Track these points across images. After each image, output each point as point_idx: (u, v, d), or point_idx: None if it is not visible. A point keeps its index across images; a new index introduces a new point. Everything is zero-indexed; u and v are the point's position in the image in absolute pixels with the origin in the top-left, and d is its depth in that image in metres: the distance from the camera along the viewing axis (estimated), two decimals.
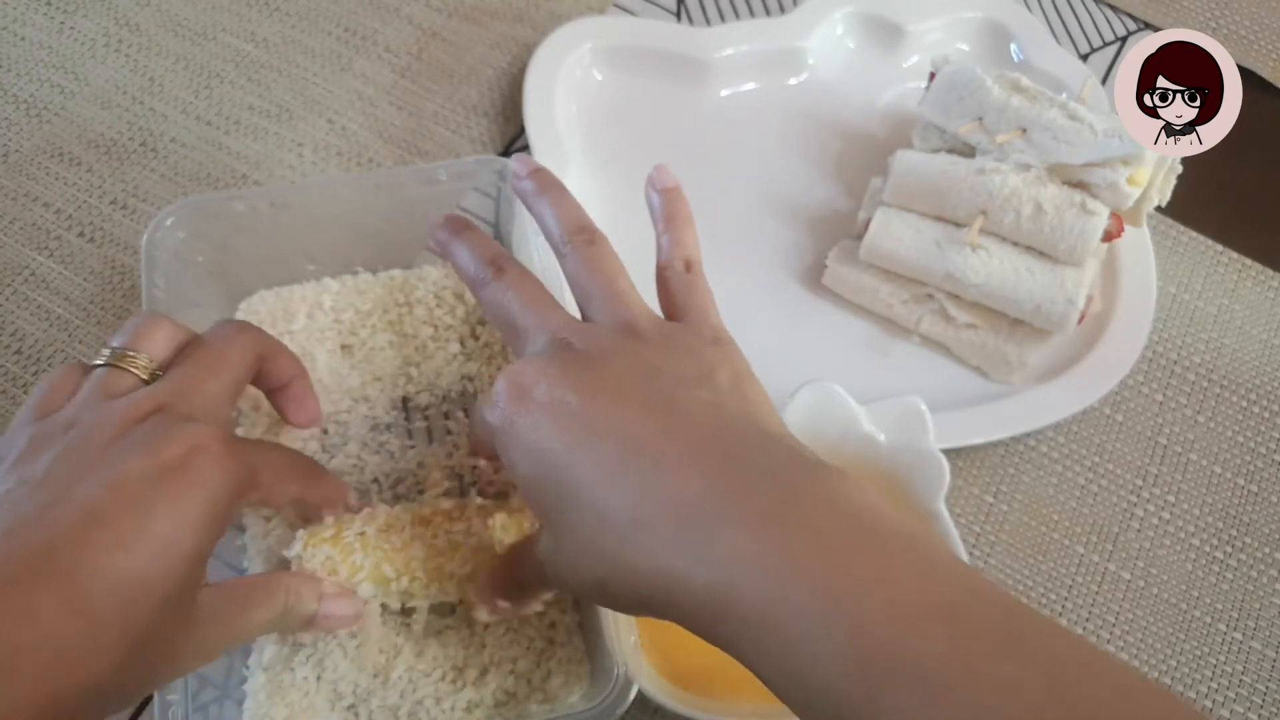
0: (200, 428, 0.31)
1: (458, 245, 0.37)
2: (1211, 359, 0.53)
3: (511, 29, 0.59)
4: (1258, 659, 0.46)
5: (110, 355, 0.34)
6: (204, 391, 0.34)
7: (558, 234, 0.36)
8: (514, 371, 0.32)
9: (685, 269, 0.36)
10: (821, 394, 0.42)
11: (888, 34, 0.58)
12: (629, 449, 0.29)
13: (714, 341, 0.34)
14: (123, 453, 0.30)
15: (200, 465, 0.31)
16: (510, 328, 0.35)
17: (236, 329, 0.36)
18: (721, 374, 0.32)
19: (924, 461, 0.41)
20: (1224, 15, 0.63)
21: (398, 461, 0.42)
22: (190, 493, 0.30)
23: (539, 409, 0.30)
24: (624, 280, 0.35)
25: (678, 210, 0.38)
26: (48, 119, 0.54)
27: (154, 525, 0.29)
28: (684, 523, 0.27)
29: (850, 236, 0.52)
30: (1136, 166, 0.46)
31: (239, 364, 0.36)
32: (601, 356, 0.32)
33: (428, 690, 0.37)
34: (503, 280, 0.35)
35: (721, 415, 0.31)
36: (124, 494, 0.29)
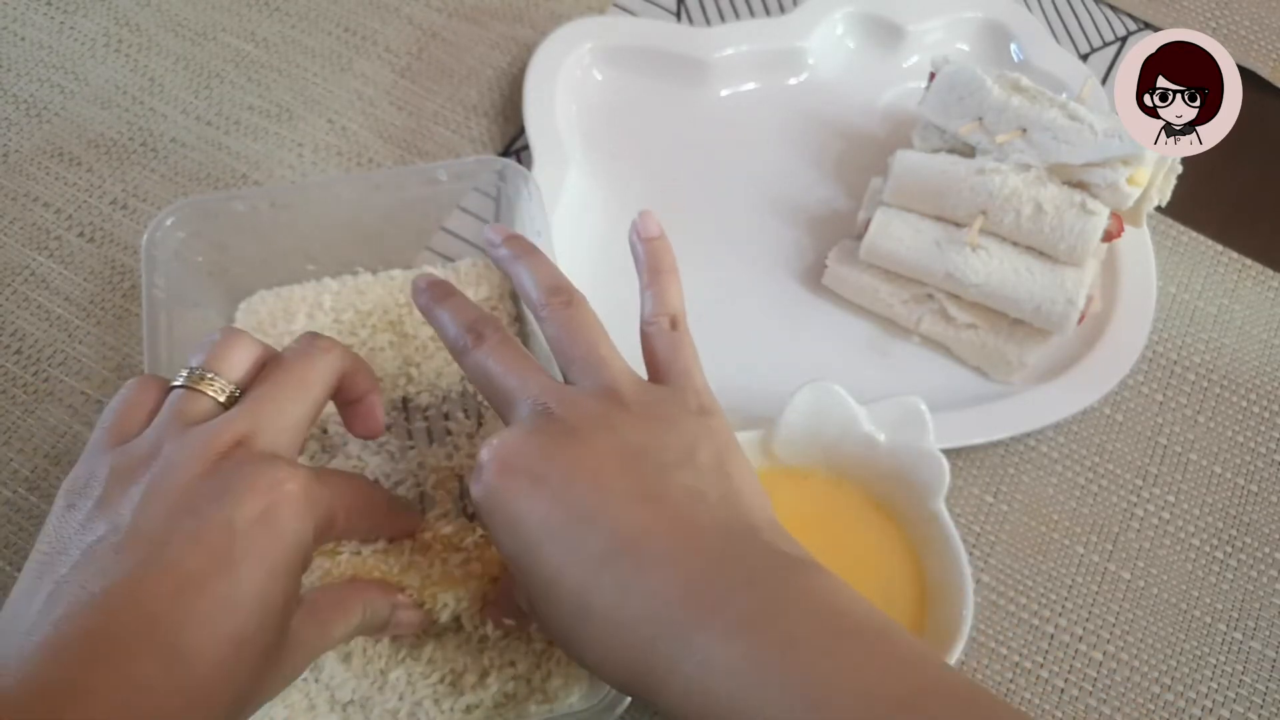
0: (281, 471, 0.31)
1: (439, 311, 0.37)
2: (1211, 359, 0.53)
3: (511, 29, 0.59)
4: (1258, 659, 0.46)
5: (187, 376, 0.33)
6: (284, 418, 0.33)
7: (535, 296, 0.36)
8: (497, 444, 0.32)
9: (670, 326, 0.36)
10: (821, 394, 0.42)
11: (888, 34, 0.58)
12: (610, 545, 0.30)
13: (699, 411, 0.34)
14: (208, 500, 0.30)
15: (284, 515, 0.30)
16: (493, 395, 0.35)
17: (321, 348, 0.35)
18: (704, 452, 0.32)
19: (924, 461, 0.41)
20: (1224, 15, 0.63)
21: (398, 462, 0.42)
22: (275, 547, 0.30)
23: (521, 488, 0.31)
24: (604, 344, 0.35)
25: (661, 262, 0.37)
26: (48, 119, 0.54)
27: (246, 585, 0.29)
28: (663, 628, 0.28)
29: (850, 236, 0.52)
30: (1136, 166, 0.46)
31: (320, 386, 0.35)
32: (584, 429, 0.32)
33: (426, 692, 0.37)
34: (482, 348, 0.35)
35: (703, 506, 0.31)
36: (214, 553, 0.29)
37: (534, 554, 0.30)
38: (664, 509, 0.30)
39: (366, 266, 0.46)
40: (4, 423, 0.46)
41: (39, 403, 0.47)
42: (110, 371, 0.48)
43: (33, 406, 0.47)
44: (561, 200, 0.51)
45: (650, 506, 0.30)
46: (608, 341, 0.35)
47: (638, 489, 0.31)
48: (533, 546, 0.30)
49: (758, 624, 0.28)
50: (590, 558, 0.29)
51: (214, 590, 0.29)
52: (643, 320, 0.36)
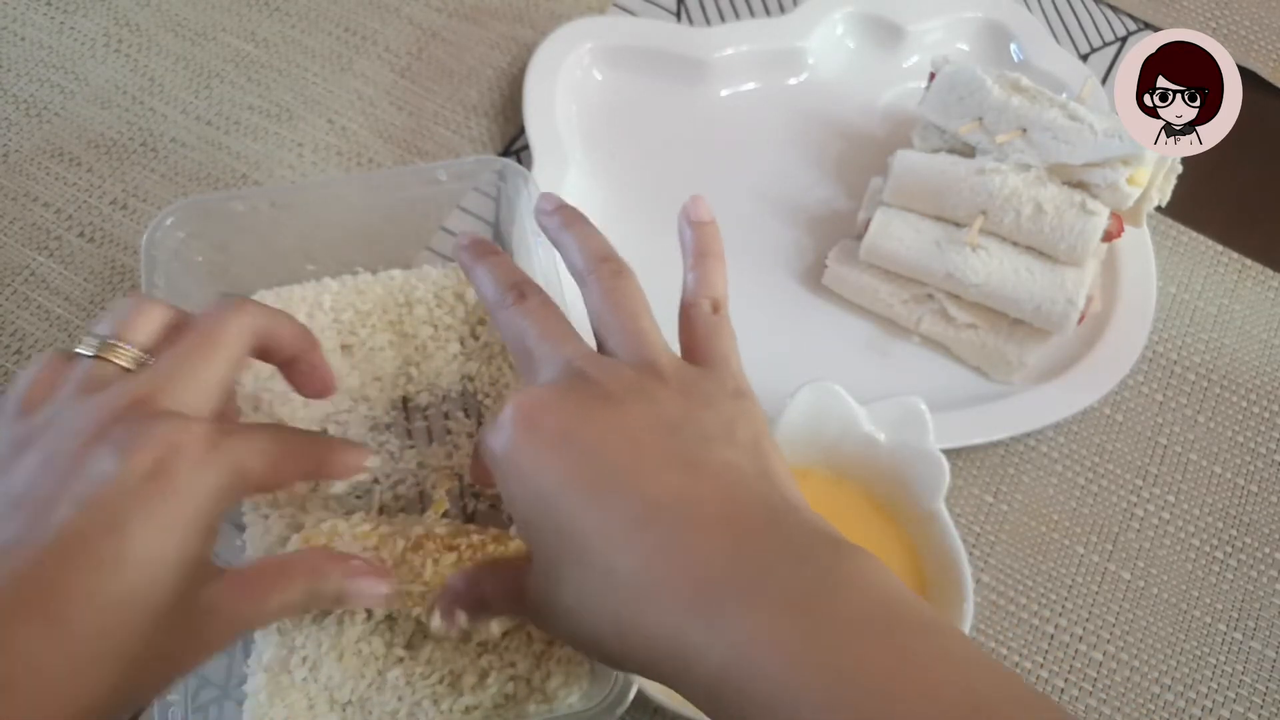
0: (176, 425, 0.29)
1: (481, 267, 0.36)
2: (1211, 359, 0.53)
3: (511, 29, 0.59)
4: (1258, 659, 0.46)
5: (93, 344, 0.32)
6: (193, 379, 0.31)
7: (582, 263, 0.35)
8: (525, 398, 0.30)
9: (712, 309, 0.35)
10: (821, 394, 0.42)
11: (888, 34, 0.58)
12: (646, 506, 0.28)
13: (736, 394, 0.33)
14: (95, 461, 0.28)
15: (177, 470, 0.29)
16: (525, 354, 0.33)
17: (232, 307, 0.33)
18: (742, 431, 0.31)
19: (924, 461, 0.41)
20: (1224, 15, 0.63)
21: (398, 462, 0.42)
22: (169, 502, 0.28)
23: (549, 443, 0.29)
24: (647, 317, 0.34)
25: (710, 246, 0.36)
26: (48, 119, 0.54)
27: (132, 543, 0.28)
28: (703, 595, 0.26)
29: (850, 236, 0.52)
30: (1136, 166, 0.46)
31: (233, 344, 0.33)
32: (619, 395, 0.30)
33: (425, 692, 0.37)
34: (523, 305, 0.34)
35: (743, 479, 0.30)
36: (98, 513, 0.28)
37: (555, 514, 0.28)
38: (703, 477, 0.29)
39: (366, 266, 0.46)
40: None
41: None
42: None
43: None
44: None
45: (689, 473, 0.29)
46: (650, 316, 0.34)
47: (676, 456, 0.29)
48: (555, 506, 0.28)
49: (809, 604, 0.26)
50: (623, 518, 0.28)
51: (97, 550, 0.27)
52: (684, 300, 0.35)
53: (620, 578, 0.27)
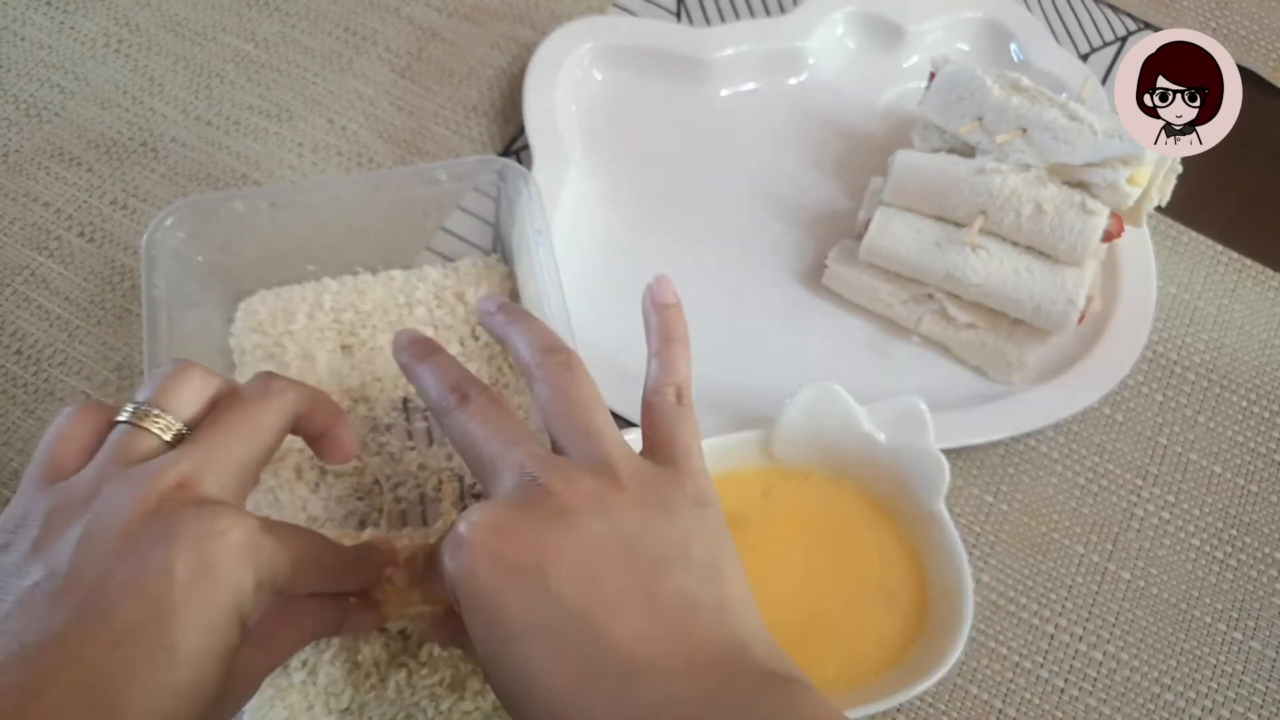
0: (223, 518, 0.29)
1: (421, 369, 0.36)
2: (1211, 359, 0.53)
3: (511, 29, 0.59)
4: (1258, 659, 0.46)
5: (133, 413, 0.31)
6: (231, 460, 0.31)
7: (529, 356, 0.34)
8: (479, 518, 0.30)
9: (676, 399, 0.34)
10: (821, 394, 0.42)
11: (888, 34, 0.58)
12: (603, 651, 0.28)
13: (696, 501, 0.32)
14: (147, 547, 0.28)
15: (224, 564, 0.29)
16: (476, 460, 0.33)
17: (276, 390, 0.34)
18: (699, 548, 0.31)
19: (924, 461, 0.41)
20: (1224, 15, 0.63)
21: (398, 462, 0.42)
22: (216, 596, 0.29)
23: (504, 574, 0.29)
24: (601, 413, 0.33)
25: (674, 331, 0.35)
26: (48, 119, 0.54)
27: (184, 637, 0.28)
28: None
29: (850, 236, 0.52)
30: (1136, 166, 0.46)
31: (273, 428, 0.33)
32: (576, 509, 0.30)
33: (424, 694, 0.37)
34: (467, 409, 0.33)
35: (698, 615, 0.30)
36: (151, 603, 0.28)
37: (511, 649, 0.29)
38: (659, 615, 0.29)
39: (366, 266, 0.46)
40: (4, 423, 0.46)
41: (39, 403, 0.47)
42: (110, 371, 0.48)
43: (33, 406, 0.47)
44: (561, 200, 0.51)
45: (645, 611, 0.29)
46: (604, 410, 0.33)
47: (633, 585, 0.29)
48: (511, 641, 0.29)
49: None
50: (577, 662, 0.28)
51: (150, 643, 0.27)
52: (646, 389, 0.35)
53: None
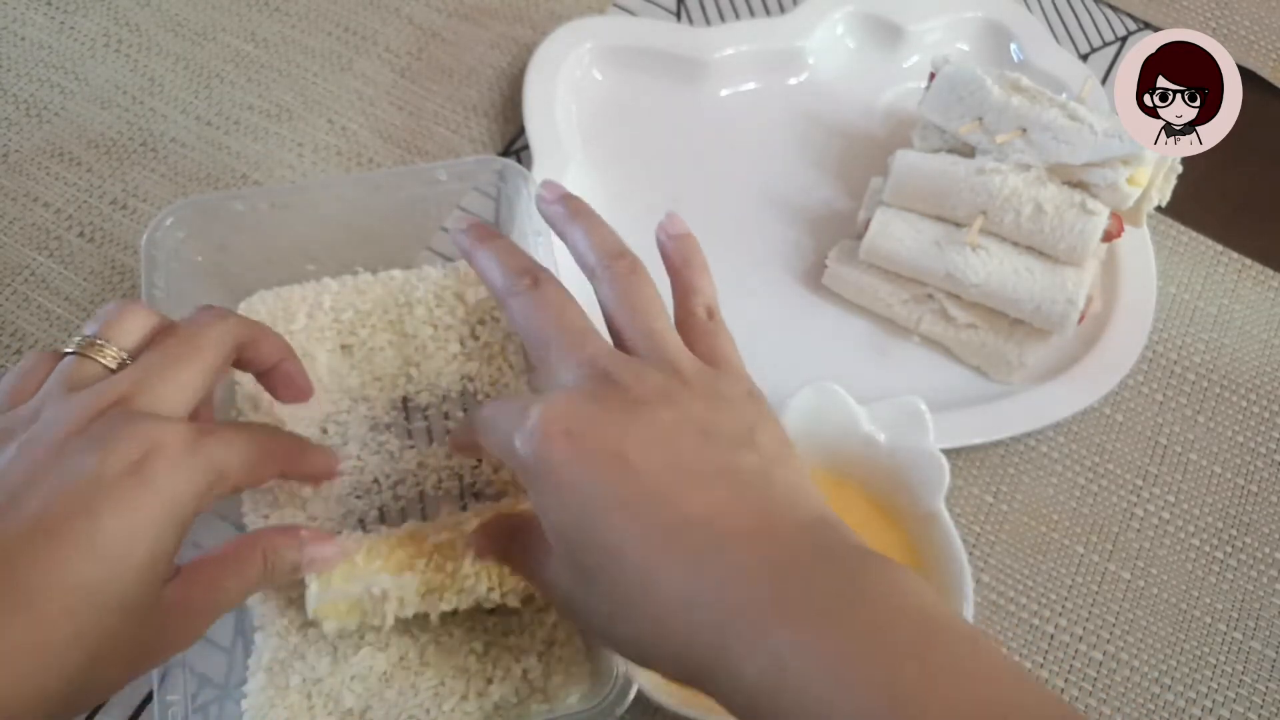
0: (158, 424, 0.30)
1: (485, 252, 0.36)
2: (1211, 359, 0.53)
3: (511, 29, 0.59)
4: (1258, 659, 0.46)
5: (79, 343, 0.33)
6: (173, 381, 0.32)
7: (594, 258, 0.35)
8: (555, 406, 0.30)
9: (707, 316, 0.35)
10: (821, 394, 0.42)
11: (888, 34, 0.59)
12: (685, 521, 0.28)
13: (749, 396, 0.33)
14: (75, 454, 0.29)
15: (155, 468, 0.29)
16: (542, 346, 0.33)
17: (215, 315, 0.35)
18: (763, 435, 0.31)
19: (924, 461, 0.41)
20: (1224, 15, 0.63)
21: (398, 462, 0.42)
22: (143, 498, 0.29)
23: (583, 453, 0.29)
24: (664, 317, 0.34)
25: (693, 257, 0.36)
26: (48, 119, 0.54)
27: (102, 535, 0.28)
28: (740, 609, 0.27)
29: (850, 236, 0.52)
30: (1136, 166, 0.46)
31: (212, 350, 0.34)
32: (649, 400, 0.30)
33: (427, 693, 0.37)
34: (538, 294, 0.34)
35: (773, 488, 0.30)
36: (73, 501, 0.28)
37: (593, 524, 0.29)
38: (739, 489, 0.29)
39: (366, 266, 0.46)
40: None
41: None
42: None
43: None
44: None
45: (723, 484, 0.29)
46: (666, 316, 0.34)
47: (709, 466, 0.29)
48: (592, 516, 0.29)
49: (843, 614, 0.26)
50: (662, 531, 0.28)
51: (68, 536, 0.28)
52: (677, 311, 0.35)
53: (660, 590, 0.28)
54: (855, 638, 0.26)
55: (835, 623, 0.26)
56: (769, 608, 0.27)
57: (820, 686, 0.25)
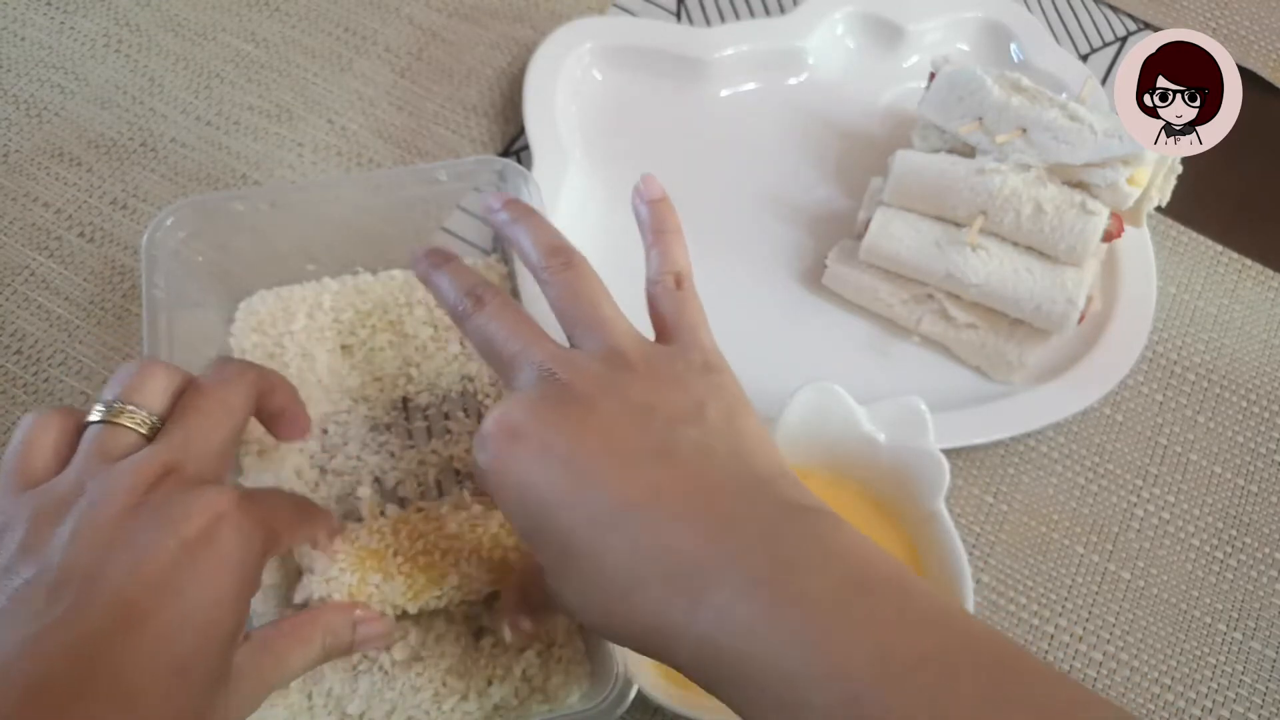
0: (215, 493, 0.30)
1: (438, 276, 0.36)
2: (1211, 359, 0.53)
3: (511, 29, 0.59)
4: (1258, 659, 0.46)
5: (106, 410, 0.32)
6: (209, 444, 0.32)
7: (535, 259, 0.35)
8: (502, 412, 0.31)
9: (675, 284, 0.35)
10: (821, 394, 0.42)
11: (888, 34, 0.58)
12: (621, 504, 0.29)
13: (705, 368, 0.33)
14: (144, 531, 0.29)
15: (224, 536, 0.30)
16: (496, 359, 0.34)
17: (236, 371, 0.35)
18: (713, 408, 0.32)
19: (924, 461, 0.41)
20: (1224, 15, 0.63)
21: (398, 461, 0.42)
22: (219, 568, 0.29)
23: (529, 454, 0.30)
24: (607, 304, 0.34)
25: (666, 222, 0.37)
26: (48, 119, 0.54)
27: (190, 610, 0.28)
28: (678, 583, 0.28)
29: (850, 236, 0.52)
30: (1136, 166, 0.46)
31: (240, 409, 0.34)
32: (591, 393, 0.31)
33: (427, 693, 0.37)
34: (484, 311, 0.34)
35: (713, 460, 0.30)
36: (153, 581, 0.28)
37: (545, 521, 0.30)
38: (674, 466, 0.30)
39: (366, 266, 0.46)
40: (4, 423, 0.46)
41: (39, 403, 0.47)
42: (110, 372, 0.48)
43: (33, 406, 0.47)
44: (561, 200, 0.51)
45: (660, 464, 0.30)
46: (610, 301, 0.35)
47: (647, 447, 0.30)
48: (543, 514, 0.30)
49: (773, 579, 0.27)
50: (602, 518, 0.29)
51: (157, 620, 0.28)
52: (648, 279, 0.36)
53: (606, 574, 0.29)
54: (787, 599, 0.27)
55: (768, 586, 0.27)
56: (704, 579, 0.27)
57: (758, 648, 0.26)
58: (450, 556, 0.37)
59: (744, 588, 0.27)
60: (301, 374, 0.43)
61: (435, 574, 0.37)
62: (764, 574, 0.27)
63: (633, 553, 0.28)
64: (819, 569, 0.27)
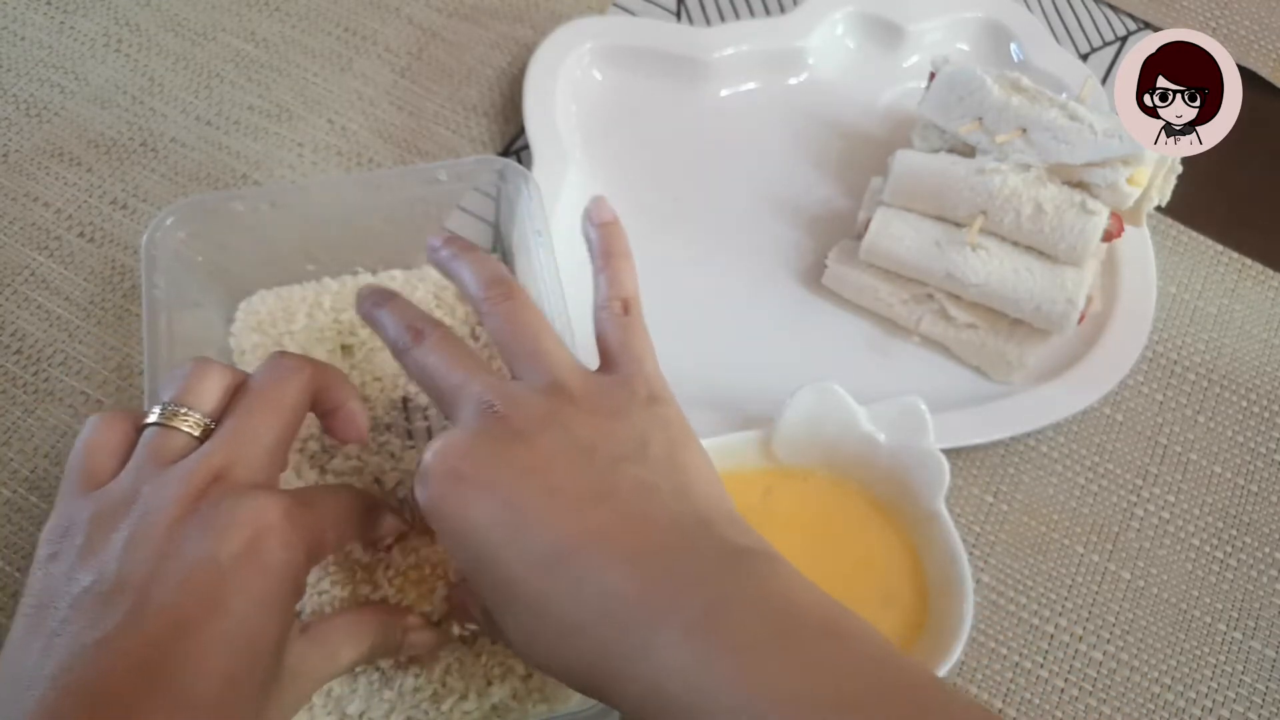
0: (262, 504, 0.30)
1: (379, 314, 0.36)
2: (1211, 359, 0.53)
3: (511, 29, 0.59)
4: (1258, 659, 0.46)
5: (160, 413, 0.32)
6: (259, 445, 0.32)
7: (475, 290, 0.35)
8: (441, 447, 0.31)
9: (623, 310, 0.35)
10: (821, 394, 0.42)
11: (888, 34, 0.58)
12: (562, 547, 0.29)
13: (649, 400, 0.33)
14: (191, 541, 0.29)
15: (269, 547, 0.30)
16: (437, 394, 0.33)
17: (291, 368, 0.34)
18: (655, 443, 0.32)
19: (924, 461, 0.41)
20: (1224, 15, 0.63)
21: (398, 461, 0.42)
22: (264, 579, 0.30)
23: (469, 493, 0.30)
24: (547, 336, 0.34)
25: (615, 246, 0.36)
26: (48, 119, 0.54)
27: (237, 621, 0.29)
28: (618, 630, 0.28)
29: (850, 236, 0.52)
30: (1136, 166, 0.46)
31: (293, 407, 0.34)
32: (530, 429, 0.31)
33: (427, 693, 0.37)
34: (423, 344, 0.34)
35: (654, 499, 0.30)
36: (201, 593, 0.28)
37: (486, 561, 0.29)
38: (615, 506, 0.30)
39: (366, 266, 0.46)
40: (4, 423, 0.46)
41: (39, 403, 0.47)
42: (110, 371, 0.48)
43: (33, 406, 0.47)
44: (561, 200, 0.51)
45: (601, 505, 0.30)
46: (551, 333, 0.34)
47: (588, 488, 0.30)
48: (484, 554, 0.29)
49: (709, 625, 0.27)
50: (543, 561, 0.29)
51: (206, 631, 0.28)
52: (595, 305, 0.36)
53: (550, 614, 0.29)
54: (722, 645, 0.27)
55: (704, 632, 0.27)
56: (644, 624, 0.27)
57: (695, 695, 0.26)
58: (441, 569, 0.38)
59: (681, 632, 0.27)
60: None
61: (426, 588, 0.37)
62: (700, 619, 0.27)
63: (574, 596, 0.28)
64: (754, 613, 0.28)
